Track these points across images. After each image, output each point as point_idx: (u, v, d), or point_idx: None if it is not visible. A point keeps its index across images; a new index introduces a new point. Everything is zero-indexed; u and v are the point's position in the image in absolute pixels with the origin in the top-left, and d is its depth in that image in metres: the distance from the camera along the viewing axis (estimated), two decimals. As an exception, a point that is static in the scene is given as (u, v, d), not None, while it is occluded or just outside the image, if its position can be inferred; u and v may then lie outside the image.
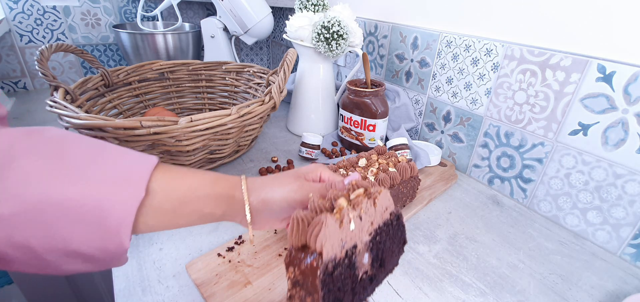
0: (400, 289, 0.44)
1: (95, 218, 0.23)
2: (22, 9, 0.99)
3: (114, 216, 0.24)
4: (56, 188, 0.22)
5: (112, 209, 0.24)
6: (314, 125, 0.85)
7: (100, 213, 0.23)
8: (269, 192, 0.32)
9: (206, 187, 0.30)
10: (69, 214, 0.23)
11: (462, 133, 0.73)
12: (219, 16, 1.05)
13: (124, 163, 0.26)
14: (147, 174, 0.27)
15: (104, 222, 0.24)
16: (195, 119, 0.51)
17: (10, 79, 1.04)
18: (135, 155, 0.28)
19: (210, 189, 0.30)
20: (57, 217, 0.22)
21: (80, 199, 0.23)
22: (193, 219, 0.30)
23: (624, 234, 0.52)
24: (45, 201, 0.22)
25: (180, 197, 0.28)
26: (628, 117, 0.48)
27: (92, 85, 0.67)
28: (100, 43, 1.14)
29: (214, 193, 0.30)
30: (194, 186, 0.29)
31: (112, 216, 0.24)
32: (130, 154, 0.28)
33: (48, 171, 0.23)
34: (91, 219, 0.23)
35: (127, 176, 0.26)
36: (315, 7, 0.77)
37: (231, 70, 0.88)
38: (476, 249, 0.52)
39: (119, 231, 0.24)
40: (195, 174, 0.31)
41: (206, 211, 0.30)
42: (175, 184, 0.28)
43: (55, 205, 0.22)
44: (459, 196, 0.65)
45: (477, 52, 0.66)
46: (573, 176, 0.56)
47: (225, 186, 0.31)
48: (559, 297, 0.45)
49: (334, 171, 0.53)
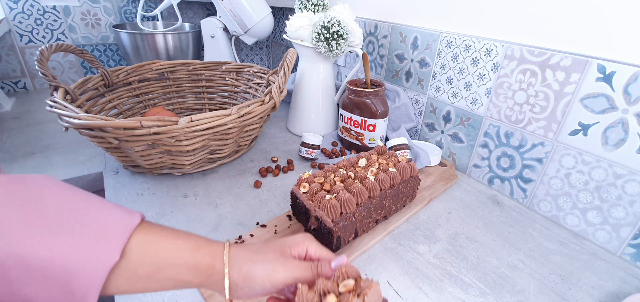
0: (400, 289, 0.44)
1: (62, 280, 0.22)
2: (22, 9, 0.99)
3: (83, 280, 0.23)
4: (25, 244, 0.22)
5: (81, 272, 0.23)
6: (314, 125, 0.85)
7: (68, 275, 0.22)
8: (252, 268, 0.30)
9: (186, 254, 0.29)
10: (35, 273, 0.22)
11: (462, 133, 0.73)
12: (219, 16, 1.05)
13: (103, 220, 0.25)
14: (125, 235, 0.25)
15: (71, 285, 0.23)
16: (195, 119, 0.51)
17: (10, 79, 1.04)
18: (117, 211, 0.27)
19: (190, 257, 0.29)
20: (22, 274, 0.21)
21: (49, 257, 0.22)
22: (167, 285, 0.28)
23: (624, 234, 0.52)
24: (12, 257, 0.21)
25: (157, 262, 0.27)
26: (628, 117, 0.48)
27: (92, 85, 0.67)
28: (100, 43, 1.14)
29: (193, 262, 0.29)
30: (173, 253, 0.28)
31: (80, 279, 0.23)
32: (112, 210, 0.27)
33: (21, 225, 0.22)
34: (58, 281, 0.22)
35: (103, 235, 0.24)
36: (315, 7, 0.77)
37: (231, 70, 0.88)
38: (476, 249, 0.52)
39: (86, 296, 0.23)
40: (177, 237, 0.29)
41: (183, 278, 0.28)
42: (154, 248, 0.27)
43: (21, 262, 0.21)
44: (459, 196, 0.65)
45: (477, 52, 0.66)
46: (573, 176, 0.56)
47: (206, 254, 0.29)
48: (559, 297, 0.45)
49: (334, 171, 0.53)
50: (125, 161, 0.61)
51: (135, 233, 0.27)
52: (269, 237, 0.50)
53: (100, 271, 0.23)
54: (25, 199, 0.23)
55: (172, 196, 0.59)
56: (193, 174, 0.66)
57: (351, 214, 0.46)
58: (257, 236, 0.49)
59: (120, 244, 0.25)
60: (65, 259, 0.22)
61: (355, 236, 0.49)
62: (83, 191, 0.27)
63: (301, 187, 0.49)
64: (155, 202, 0.57)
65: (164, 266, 0.27)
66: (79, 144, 0.75)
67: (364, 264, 0.47)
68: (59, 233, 0.23)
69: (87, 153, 0.71)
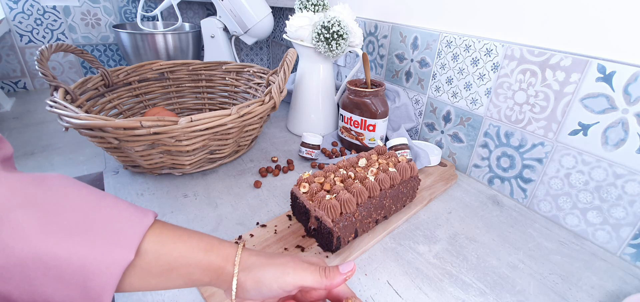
0: (400, 289, 0.44)
1: (79, 279, 0.23)
2: (22, 9, 0.99)
3: (98, 278, 0.24)
4: (45, 245, 0.22)
5: (97, 271, 0.24)
6: (314, 125, 0.85)
7: (85, 275, 0.23)
8: (262, 272, 0.31)
9: (199, 254, 0.29)
10: (54, 272, 0.23)
11: (462, 133, 0.73)
12: (219, 16, 1.05)
13: (118, 219, 0.26)
14: (140, 235, 0.26)
15: (88, 284, 0.23)
16: (195, 119, 0.51)
17: (10, 79, 1.04)
18: (132, 211, 0.27)
19: (203, 257, 0.30)
20: (41, 274, 0.22)
21: (67, 257, 0.23)
22: (179, 283, 0.29)
23: (624, 234, 0.52)
24: (32, 257, 0.22)
25: (171, 262, 0.28)
26: (628, 117, 0.48)
27: (92, 85, 0.67)
28: (100, 43, 1.14)
29: (205, 261, 0.30)
30: (186, 253, 0.29)
31: (96, 278, 0.24)
32: (127, 210, 0.27)
33: (40, 226, 0.22)
34: (75, 280, 0.23)
35: (119, 235, 0.25)
36: (315, 7, 0.77)
37: (231, 70, 0.88)
38: (476, 249, 0.52)
39: (102, 294, 0.24)
40: (190, 237, 0.30)
41: (194, 277, 0.30)
42: (168, 248, 0.28)
43: (41, 262, 0.22)
44: (459, 196, 0.65)
45: (477, 52, 0.66)
46: (573, 176, 0.56)
47: (219, 256, 0.30)
48: (559, 297, 0.45)
49: (334, 171, 0.53)
50: (125, 161, 0.61)
51: (149, 232, 0.27)
52: (270, 237, 0.49)
53: (115, 270, 0.24)
54: (43, 199, 0.24)
55: (172, 196, 0.59)
56: (193, 174, 0.66)
57: (351, 214, 0.46)
58: (257, 236, 0.49)
59: (135, 244, 0.25)
60: (82, 258, 0.23)
61: (355, 236, 0.49)
62: (98, 190, 0.27)
63: (301, 187, 0.49)
64: (155, 202, 0.57)
65: (177, 266, 0.28)
66: (79, 144, 0.75)
67: (364, 264, 0.47)
68: (75, 233, 0.23)
69: (87, 153, 0.71)
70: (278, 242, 0.49)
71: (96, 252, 0.24)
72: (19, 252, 0.22)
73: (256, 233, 0.50)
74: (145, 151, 0.55)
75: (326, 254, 0.47)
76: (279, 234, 0.50)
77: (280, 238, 0.49)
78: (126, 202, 0.28)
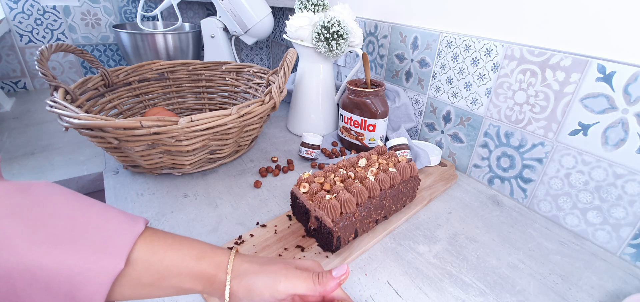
0: (400, 289, 0.44)
1: (67, 289, 0.22)
2: (22, 9, 0.99)
3: (87, 289, 0.23)
4: (32, 255, 0.22)
5: (86, 281, 0.23)
6: (314, 125, 0.85)
7: (73, 285, 0.22)
8: (253, 280, 0.30)
9: (190, 263, 0.29)
10: (40, 283, 0.22)
11: (462, 133, 0.73)
12: (219, 16, 1.05)
13: (107, 228, 0.25)
14: (129, 244, 0.25)
15: (76, 294, 0.23)
16: (195, 119, 0.51)
17: (10, 79, 1.04)
18: (121, 218, 0.27)
19: (194, 265, 0.29)
20: (28, 284, 0.22)
21: (54, 268, 0.22)
22: (170, 292, 0.29)
23: (624, 234, 0.52)
24: (18, 267, 0.21)
25: (162, 270, 0.27)
26: (628, 117, 0.48)
27: (92, 85, 0.67)
28: (100, 43, 1.14)
29: (197, 270, 0.29)
30: (177, 261, 0.28)
31: (85, 288, 0.23)
32: (116, 218, 0.26)
33: (26, 235, 0.22)
34: (63, 290, 0.22)
35: (108, 244, 0.25)
36: (315, 7, 0.77)
37: (231, 70, 0.88)
38: (476, 249, 0.52)
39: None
40: (182, 245, 0.29)
41: (186, 286, 0.29)
42: (159, 257, 0.27)
43: (28, 273, 0.21)
44: (459, 196, 0.65)
45: (477, 52, 0.66)
46: (573, 176, 0.56)
47: (211, 264, 0.30)
48: (559, 297, 0.45)
49: (334, 171, 0.53)
50: (125, 161, 0.61)
51: (139, 241, 0.27)
52: (270, 237, 0.49)
53: (104, 279, 0.24)
54: (29, 208, 0.23)
55: (172, 195, 0.59)
56: (193, 174, 0.66)
57: (351, 214, 0.46)
58: (257, 236, 0.49)
59: (124, 253, 0.25)
60: (70, 268, 0.22)
61: (355, 236, 0.49)
62: (86, 198, 0.27)
63: (301, 187, 0.49)
64: (155, 202, 0.57)
65: (168, 275, 0.28)
66: (79, 144, 0.75)
67: (364, 264, 0.47)
68: (62, 242, 0.23)
69: (87, 153, 0.71)
70: (278, 242, 0.49)
71: (84, 262, 0.23)
72: (4, 262, 0.21)
73: (256, 233, 0.50)
74: (145, 150, 0.55)
75: (326, 254, 0.47)
76: (279, 234, 0.50)
77: (280, 238, 0.49)
78: (116, 209, 0.27)
